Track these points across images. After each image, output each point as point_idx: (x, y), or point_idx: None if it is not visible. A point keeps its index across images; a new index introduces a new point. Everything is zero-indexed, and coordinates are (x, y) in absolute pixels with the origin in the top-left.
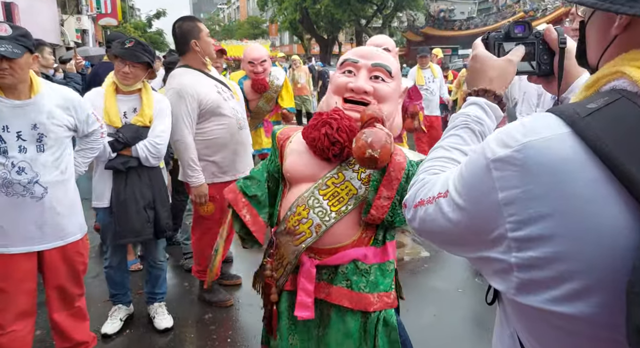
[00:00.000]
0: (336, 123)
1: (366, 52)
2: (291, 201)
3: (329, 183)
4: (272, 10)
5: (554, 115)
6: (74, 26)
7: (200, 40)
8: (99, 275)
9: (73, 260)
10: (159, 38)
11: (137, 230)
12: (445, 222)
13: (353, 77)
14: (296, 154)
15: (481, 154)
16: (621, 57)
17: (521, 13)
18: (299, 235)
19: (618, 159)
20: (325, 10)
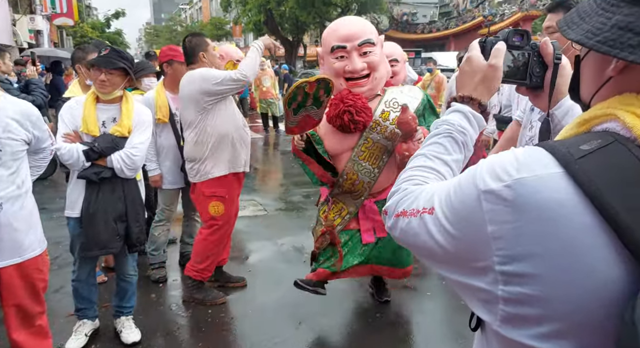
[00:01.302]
0: (354, 108)
1: (348, 35)
2: (340, 169)
3: (363, 149)
4: (235, 11)
5: (547, 152)
6: (27, 26)
7: (207, 53)
8: (62, 288)
9: (32, 277)
10: (118, 38)
11: (104, 243)
12: (430, 240)
13: (347, 60)
14: (329, 135)
15: (472, 183)
16: (615, 100)
17: (480, 17)
18: (356, 193)
19: (612, 206)
20: (289, 12)
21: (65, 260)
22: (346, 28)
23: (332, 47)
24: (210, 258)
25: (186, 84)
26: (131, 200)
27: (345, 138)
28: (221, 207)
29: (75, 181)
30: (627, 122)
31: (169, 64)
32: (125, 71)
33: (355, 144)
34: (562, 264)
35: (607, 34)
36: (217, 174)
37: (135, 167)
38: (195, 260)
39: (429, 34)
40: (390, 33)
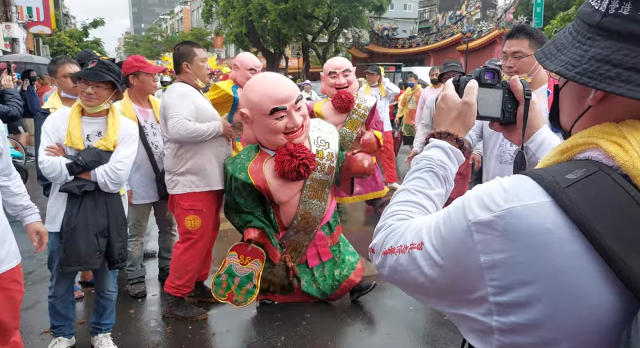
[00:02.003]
0: (307, 160)
1: (287, 96)
2: (292, 213)
3: (310, 190)
4: (217, 23)
5: (534, 181)
6: (3, 34)
7: (191, 64)
8: (36, 304)
9: (10, 289)
10: (97, 47)
11: (84, 258)
12: (420, 275)
13: (287, 118)
14: (280, 188)
15: (461, 215)
16: (595, 129)
17: (459, 34)
18: (309, 229)
19: (600, 235)
20: (271, 24)
21: (39, 275)
22: (282, 90)
23: (272, 109)
24: (189, 274)
25: (167, 96)
26: (114, 215)
27: (292, 185)
28: (198, 221)
29: (57, 194)
30: (609, 151)
31: (135, 76)
32: (113, 84)
33: (303, 187)
34: (554, 291)
35: (586, 66)
36: (195, 189)
37: (119, 181)
38: (174, 276)
39: (409, 49)
40: (371, 47)
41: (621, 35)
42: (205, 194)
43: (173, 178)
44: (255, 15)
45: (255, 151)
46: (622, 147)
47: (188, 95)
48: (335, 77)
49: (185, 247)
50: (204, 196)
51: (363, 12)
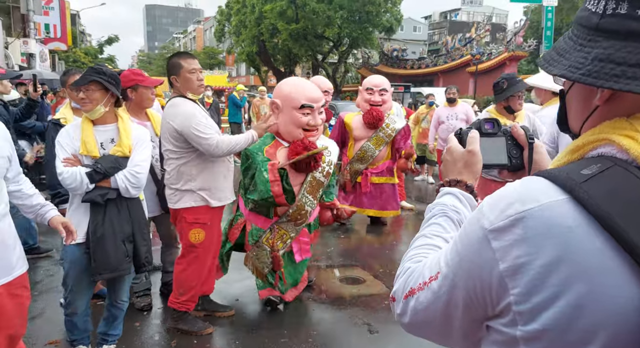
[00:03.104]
0: (318, 156)
1: (317, 98)
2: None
3: (309, 185)
4: (229, 42)
5: (547, 181)
6: (20, 49)
7: (179, 77)
8: (42, 314)
9: (20, 295)
10: (110, 64)
11: (114, 265)
12: (441, 305)
13: (310, 116)
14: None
15: (476, 225)
16: (606, 125)
17: (468, 56)
18: (300, 220)
19: (622, 229)
20: (282, 44)
21: (45, 285)
22: (315, 92)
23: (302, 104)
24: (193, 290)
25: (170, 115)
26: (137, 220)
27: (296, 176)
28: (202, 234)
29: (76, 206)
30: (623, 144)
31: (133, 89)
32: (104, 86)
33: (304, 181)
34: (580, 291)
35: (590, 67)
36: (201, 204)
37: (140, 185)
38: (178, 292)
39: (418, 70)
40: (380, 67)
41: (621, 34)
42: (211, 208)
43: (176, 192)
44: (267, 35)
45: (271, 139)
46: (635, 139)
47: (195, 114)
48: (371, 93)
49: (187, 262)
50: (210, 209)
51: (373, 33)
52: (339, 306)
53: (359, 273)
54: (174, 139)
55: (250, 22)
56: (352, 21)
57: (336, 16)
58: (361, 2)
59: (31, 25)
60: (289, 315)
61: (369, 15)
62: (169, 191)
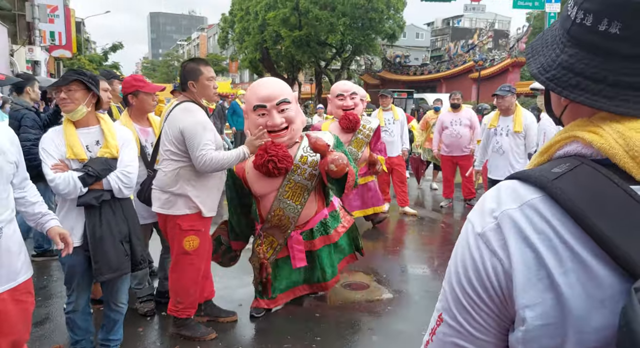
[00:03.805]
0: (276, 157)
1: (267, 96)
2: (267, 207)
3: (287, 189)
4: (232, 49)
5: (519, 181)
6: (25, 57)
7: (197, 83)
8: (46, 320)
9: (24, 301)
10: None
11: (116, 265)
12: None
13: (267, 117)
14: (256, 180)
15: (468, 234)
16: (571, 125)
17: (471, 62)
18: (283, 227)
19: (590, 219)
20: (285, 51)
21: (49, 290)
22: (266, 90)
23: (254, 106)
24: (192, 297)
25: (181, 119)
26: (130, 219)
27: (270, 181)
28: (196, 241)
29: (67, 211)
30: (586, 138)
31: (134, 95)
32: (85, 85)
33: (280, 185)
34: (567, 282)
35: (554, 72)
36: (195, 211)
37: (132, 184)
38: (175, 300)
39: (421, 76)
40: (383, 74)
41: (584, 45)
42: (203, 216)
43: (170, 198)
44: (270, 42)
45: None
46: (597, 133)
47: (209, 124)
48: (342, 99)
49: (181, 270)
50: (203, 217)
51: (376, 40)
52: (342, 311)
53: (362, 278)
54: (178, 141)
55: (254, 29)
56: (355, 28)
57: (339, 23)
58: (364, 9)
59: (37, 32)
60: (293, 320)
61: (371, 22)
62: (162, 195)
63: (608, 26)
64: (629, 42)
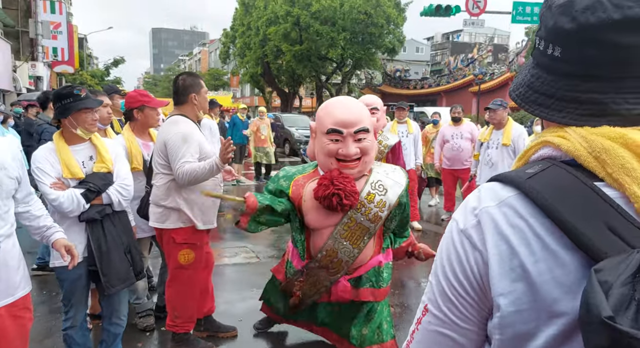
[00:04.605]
0: (343, 192)
1: (347, 121)
2: (319, 245)
3: (345, 228)
4: (233, 63)
5: (499, 183)
6: (28, 72)
7: (199, 95)
8: (45, 337)
9: (22, 316)
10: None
11: (124, 276)
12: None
13: (341, 144)
14: (313, 211)
15: (454, 232)
16: (543, 132)
17: (471, 76)
18: (332, 270)
19: (558, 212)
20: (286, 65)
21: (49, 306)
22: (345, 114)
23: (329, 129)
24: (189, 311)
25: (167, 131)
26: (128, 230)
27: (329, 215)
28: (191, 255)
29: (68, 226)
30: (555, 142)
31: (140, 110)
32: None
33: (339, 222)
34: (537, 270)
35: (521, 90)
36: (188, 225)
37: (130, 196)
38: (173, 315)
39: (421, 90)
40: (384, 88)
41: (541, 66)
42: (198, 229)
43: (164, 211)
44: (271, 57)
45: (312, 167)
46: (565, 137)
47: (192, 136)
48: None
49: (178, 284)
50: (198, 230)
51: (376, 54)
52: None
53: None
54: (165, 154)
55: (255, 44)
56: (355, 42)
57: (339, 38)
58: (364, 24)
59: (39, 48)
60: (294, 335)
61: (371, 36)
62: (157, 209)
63: (552, 50)
64: (567, 63)
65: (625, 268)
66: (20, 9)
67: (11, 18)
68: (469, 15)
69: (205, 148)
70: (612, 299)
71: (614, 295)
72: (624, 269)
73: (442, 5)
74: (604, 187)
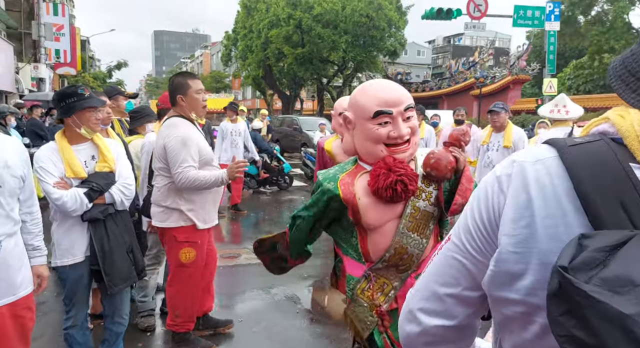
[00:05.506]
0: (406, 177)
1: (395, 99)
2: (385, 244)
3: (410, 219)
4: (235, 66)
5: (547, 145)
6: (31, 74)
7: (186, 96)
8: (43, 335)
9: (23, 316)
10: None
11: (126, 275)
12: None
13: (391, 125)
14: (372, 207)
15: (491, 178)
16: (612, 109)
17: (472, 79)
18: (403, 266)
19: (580, 178)
20: (288, 68)
21: (50, 306)
22: (390, 93)
23: (376, 112)
24: (190, 310)
25: (165, 135)
26: (130, 229)
27: (389, 209)
28: (192, 253)
29: (68, 227)
30: (612, 119)
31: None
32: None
33: (401, 214)
34: (544, 223)
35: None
36: (189, 224)
37: (132, 196)
38: (174, 314)
39: (422, 93)
40: None
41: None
42: (199, 228)
43: (165, 210)
44: (273, 59)
45: (352, 164)
46: (623, 116)
47: (191, 139)
48: None
49: (180, 283)
50: (199, 229)
51: (377, 57)
52: (344, 327)
53: None
54: (164, 157)
55: (257, 46)
56: (357, 45)
57: (341, 40)
58: (365, 27)
59: (42, 50)
60: (293, 336)
61: (373, 39)
62: (158, 209)
63: None
64: None
65: (610, 239)
66: (23, 10)
67: (14, 20)
68: (470, 18)
69: (204, 149)
70: (580, 258)
71: (584, 255)
72: (608, 240)
73: (444, 8)
74: (637, 169)
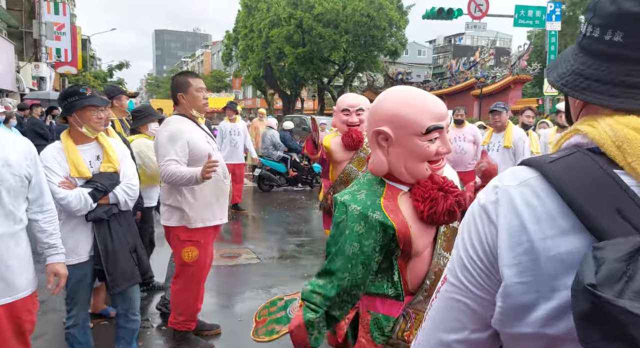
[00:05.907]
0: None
1: (443, 113)
2: (422, 270)
3: (445, 239)
4: (236, 65)
5: (525, 166)
6: (32, 73)
7: (187, 94)
8: (44, 334)
9: (21, 318)
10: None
11: (129, 275)
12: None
13: (439, 141)
14: (421, 234)
15: (475, 208)
16: (577, 122)
17: (473, 79)
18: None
19: (573, 195)
20: (289, 67)
21: (49, 305)
22: (440, 105)
23: (429, 128)
24: (191, 309)
25: (159, 132)
26: (134, 229)
27: (428, 231)
28: (195, 252)
29: (72, 227)
30: (584, 130)
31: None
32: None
33: (436, 235)
34: (544, 246)
35: (568, 78)
36: (192, 225)
37: (136, 196)
38: (176, 312)
39: None
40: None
41: (593, 53)
42: (202, 227)
43: (169, 209)
44: (274, 59)
45: (379, 185)
46: (593, 126)
47: (179, 135)
48: (348, 114)
49: (183, 281)
50: (202, 228)
51: (378, 57)
52: None
53: None
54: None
55: (257, 46)
56: (358, 45)
57: (342, 40)
58: (366, 26)
59: (43, 49)
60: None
61: (374, 39)
62: (163, 207)
63: (612, 36)
64: (628, 48)
65: (624, 247)
66: (24, 9)
67: (15, 19)
68: (471, 18)
69: (198, 146)
70: (602, 272)
71: (605, 268)
72: (622, 248)
73: (444, 8)
74: (622, 174)
